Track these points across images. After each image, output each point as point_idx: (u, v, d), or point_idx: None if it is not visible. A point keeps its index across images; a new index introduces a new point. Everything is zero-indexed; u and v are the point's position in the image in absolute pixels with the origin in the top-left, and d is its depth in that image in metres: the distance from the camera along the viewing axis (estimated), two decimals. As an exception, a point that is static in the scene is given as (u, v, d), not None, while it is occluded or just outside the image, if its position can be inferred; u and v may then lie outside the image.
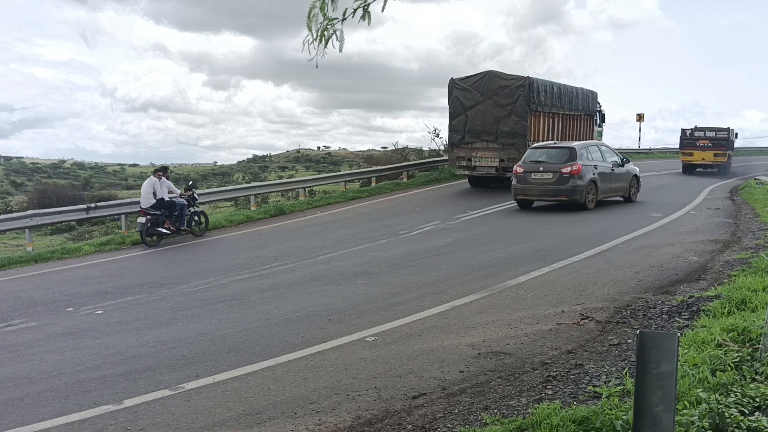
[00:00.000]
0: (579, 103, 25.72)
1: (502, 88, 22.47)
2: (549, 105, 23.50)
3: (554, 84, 24.17)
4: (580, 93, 25.85)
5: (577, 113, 25.63)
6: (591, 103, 27.01)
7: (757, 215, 16.30)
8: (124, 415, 5.47)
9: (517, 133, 22.17)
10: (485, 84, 22.71)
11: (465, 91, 23.03)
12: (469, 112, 22.87)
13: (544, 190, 18.08)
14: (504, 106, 22.37)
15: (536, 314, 7.99)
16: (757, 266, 9.09)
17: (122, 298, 9.93)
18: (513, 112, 22.23)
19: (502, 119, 22.32)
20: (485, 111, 22.57)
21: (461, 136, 23.13)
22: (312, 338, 7.38)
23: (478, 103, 22.73)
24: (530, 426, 4.67)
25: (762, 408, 4.63)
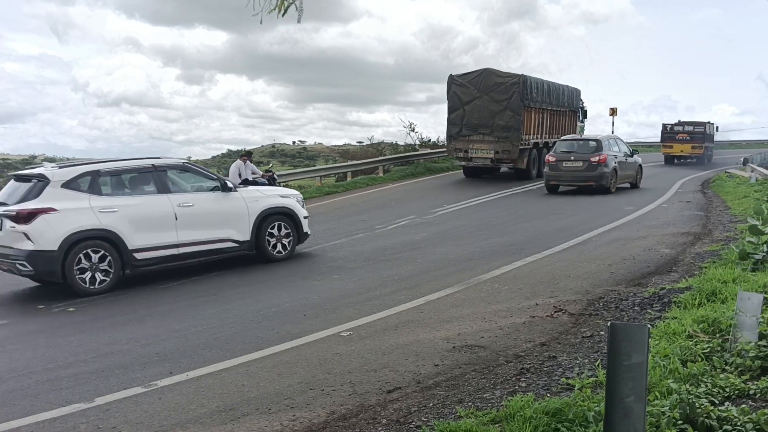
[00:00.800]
0: (565, 99, 27.41)
1: (498, 84, 23.81)
2: (540, 101, 24.99)
3: (545, 82, 25.61)
4: (565, 90, 27.47)
5: (563, 109, 27.36)
6: (575, 100, 28.75)
7: (727, 208, 16.56)
8: (96, 413, 5.40)
9: (511, 127, 23.55)
10: (482, 80, 24.04)
11: (463, 87, 24.29)
12: (467, 107, 24.14)
13: (575, 176, 20.46)
14: (499, 101, 23.67)
15: (510, 307, 8.04)
16: (728, 258, 9.23)
17: (95, 295, 9.81)
18: (508, 108, 23.56)
19: (498, 114, 23.64)
20: (482, 106, 23.88)
21: (459, 129, 24.39)
22: (287, 334, 7.35)
23: (476, 99, 24.01)
24: (504, 418, 4.69)
25: (732, 398, 4.70)
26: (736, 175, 25.87)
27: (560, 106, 27.03)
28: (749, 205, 14.71)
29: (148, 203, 10.45)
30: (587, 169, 20.17)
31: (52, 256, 9.49)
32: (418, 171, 28.36)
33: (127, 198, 10.35)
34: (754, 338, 5.44)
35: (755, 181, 22.11)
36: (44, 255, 9.48)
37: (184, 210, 10.70)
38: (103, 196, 10.11)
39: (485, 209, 17.66)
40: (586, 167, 20.18)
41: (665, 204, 17.91)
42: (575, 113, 28.99)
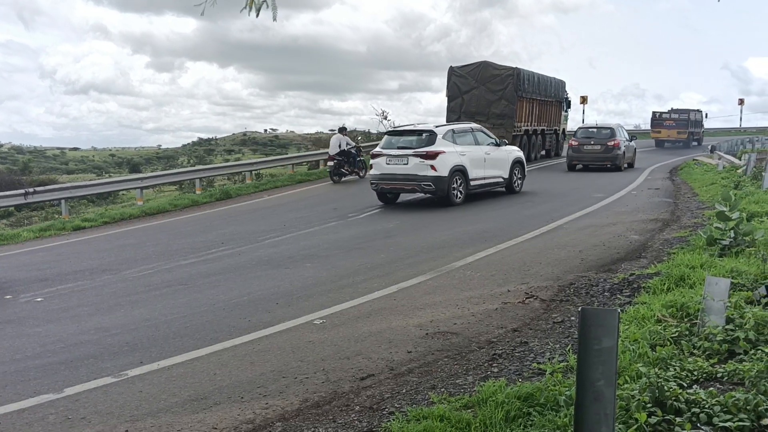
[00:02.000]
0: (552, 91, 29.65)
1: (494, 76, 25.96)
2: (531, 92, 27.20)
3: (535, 74, 27.77)
4: (552, 82, 29.72)
5: (551, 99, 29.63)
6: (561, 91, 31.00)
7: (695, 194, 16.80)
8: (65, 404, 5.33)
9: (506, 115, 25.71)
10: (480, 72, 26.16)
11: (462, 77, 26.37)
12: (465, 96, 26.27)
13: (595, 157, 24.47)
14: (495, 91, 25.80)
15: (483, 294, 8.08)
16: (696, 244, 9.36)
17: (63, 285, 9.67)
18: (503, 97, 25.71)
19: (494, 103, 25.77)
20: (479, 95, 26.04)
21: (458, 116, 25.99)
22: (259, 322, 7.31)
23: (473, 89, 26.14)
24: (476, 403, 4.72)
25: (700, 381, 4.77)
26: (703, 163, 26.26)
27: (548, 97, 29.13)
28: (716, 192, 14.95)
29: (475, 151, 16.60)
30: (605, 151, 24.37)
31: (444, 179, 15.66)
32: (390, 159, 28.28)
33: (466, 147, 16.39)
34: (721, 322, 5.53)
35: (722, 168, 22.45)
36: (441, 179, 15.63)
37: (488, 156, 16.93)
38: (458, 145, 16.18)
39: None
40: (603, 150, 24.38)
41: (635, 191, 18.12)
42: (561, 103, 31.11)
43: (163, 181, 23.64)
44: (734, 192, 12.26)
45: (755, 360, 4.85)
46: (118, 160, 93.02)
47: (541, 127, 28.53)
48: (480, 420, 4.43)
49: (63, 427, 4.92)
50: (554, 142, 31.04)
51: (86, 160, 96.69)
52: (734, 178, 18.59)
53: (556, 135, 31.22)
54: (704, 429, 3.97)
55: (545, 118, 28.96)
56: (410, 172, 15.75)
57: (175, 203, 19.12)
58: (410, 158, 15.72)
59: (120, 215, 17.59)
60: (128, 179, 22.69)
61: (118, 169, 79.96)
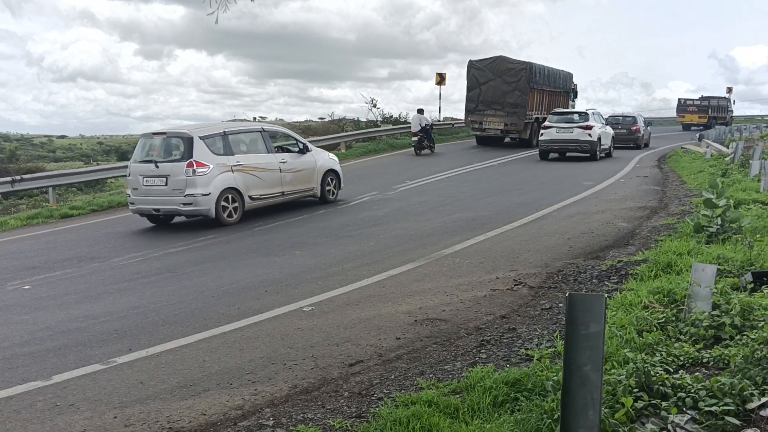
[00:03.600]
0: (560, 82, 32.35)
1: (509, 69, 28.43)
2: (542, 84, 29.85)
3: (545, 67, 30.48)
4: (560, 74, 32.40)
5: (559, 90, 32.29)
6: (568, 83, 33.67)
7: (683, 182, 16.89)
8: (53, 391, 5.32)
9: (519, 104, 28.22)
10: (496, 65, 28.74)
11: (480, 70, 28.96)
12: (483, 87, 28.77)
13: (621, 139, 28.81)
14: (510, 83, 28.24)
15: (471, 281, 8.10)
16: (683, 231, 9.41)
17: (51, 273, 9.63)
18: (517, 88, 28.18)
19: (508, 93, 28.28)
20: (495, 87, 28.48)
21: (475, 105, 29.07)
22: (248, 309, 7.31)
23: (490, 80, 28.58)
24: (464, 389, 4.75)
25: (686, 366, 4.81)
26: (691, 151, 26.38)
27: (557, 88, 31.84)
28: (704, 180, 15.02)
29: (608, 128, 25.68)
30: (628, 134, 30.06)
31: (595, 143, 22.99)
32: (380, 147, 28.33)
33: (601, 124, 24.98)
34: (707, 308, 5.57)
35: (710, 156, 22.56)
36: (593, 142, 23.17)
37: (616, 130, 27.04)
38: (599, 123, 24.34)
39: (447, 185, 17.73)
40: (627, 133, 30.06)
41: (623, 179, 18.19)
42: (568, 93, 33.79)
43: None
44: (721, 180, 12.33)
45: (741, 345, 4.89)
46: (106, 148, 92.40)
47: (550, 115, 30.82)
48: (468, 405, 4.46)
49: (51, 414, 4.91)
50: None
51: (74, 147, 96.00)
52: (722, 166, 18.69)
53: None
54: (690, 413, 4.01)
55: (554, 107, 30.58)
56: (574, 138, 23.35)
57: (164, 191, 18.99)
58: (575, 129, 23.30)
59: (108, 203, 17.47)
60: (116, 167, 22.48)
61: (106, 157, 79.42)
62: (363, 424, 4.41)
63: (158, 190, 12.50)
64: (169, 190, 12.38)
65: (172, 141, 12.90)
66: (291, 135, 15.25)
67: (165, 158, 12.71)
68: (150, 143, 13.11)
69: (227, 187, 12.60)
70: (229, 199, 12.66)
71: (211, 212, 12.41)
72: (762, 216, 9.96)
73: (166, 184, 12.40)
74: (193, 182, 12.19)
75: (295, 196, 14.36)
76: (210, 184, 12.29)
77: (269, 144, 13.94)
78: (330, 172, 15.25)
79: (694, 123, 48.53)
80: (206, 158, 12.40)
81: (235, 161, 12.84)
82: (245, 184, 12.93)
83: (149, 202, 12.71)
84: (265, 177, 13.39)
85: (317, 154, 15.11)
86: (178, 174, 12.28)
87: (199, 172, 12.26)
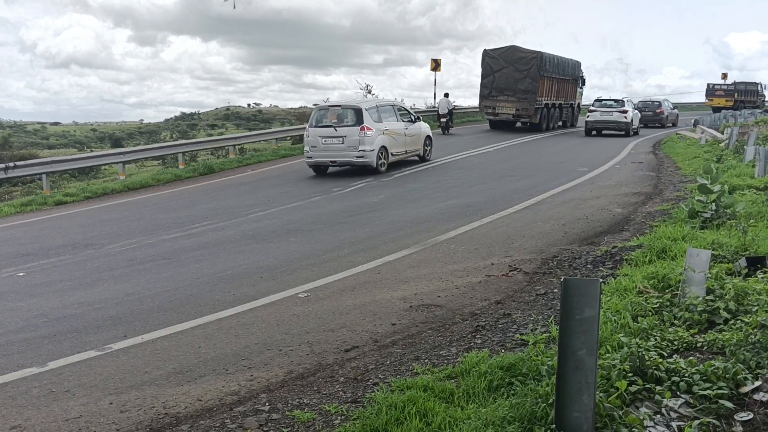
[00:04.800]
0: (569, 70, 34.19)
1: (521, 58, 30.28)
2: (551, 72, 31.60)
3: (555, 56, 32.32)
4: (569, 63, 34.35)
5: (568, 78, 34.21)
6: (577, 71, 35.63)
7: (678, 168, 16.91)
8: (49, 377, 5.32)
9: (530, 90, 30.05)
10: (509, 54, 30.59)
11: (494, 59, 30.84)
12: (496, 74, 30.68)
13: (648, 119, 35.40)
14: (522, 71, 30.10)
15: (466, 267, 8.11)
16: (677, 217, 9.43)
17: (45, 260, 9.60)
18: (528, 76, 30.03)
19: (520, 80, 30.13)
20: (508, 74, 30.37)
21: (489, 91, 31.00)
22: (244, 296, 7.31)
23: (503, 68, 30.48)
24: (460, 374, 4.76)
25: (680, 350, 4.83)
26: (686, 137, 26.40)
27: (566, 76, 33.73)
28: (699, 166, 15.03)
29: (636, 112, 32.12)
30: (654, 116, 36.44)
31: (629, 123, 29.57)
32: (375, 134, 28.25)
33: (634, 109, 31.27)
34: (701, 293, 5.59)
35: (705, 142, 22.58)
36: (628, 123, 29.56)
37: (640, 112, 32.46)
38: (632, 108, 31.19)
39: (442, 172, 17.71)
40: (653, 115, 36.55)
41: (618, 165, 18.20)
42: (576, 81, 35.82)
43: (145, 156, 23.43)
44: (716, 165, 12.34)
45: (735, 330, 4.92)
46: (99, 135, 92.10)
47: (559, 101, 33.16)
48: (463, 390, 4.47)
49: (47, 400, 4.91)
50: (570, 115, 35.40)
51: (67, 134, 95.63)
52: (717, 151, 18.72)
53: (572, 108, 35.58)
54: (684, 397, 4.03)
55: (563, 94, 33.55)
56: (613, 119, 29.25)
57: (158, 178, 18.96)
58: (615, 113, 29.17)
59: (102, 190, 17.43)
60: (110, 153, 22.48)
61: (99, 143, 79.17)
62: (358, 408, 4.42)
63: (335, 147, 17.03)
64: (345, 147, 16.93)
65: (347, 111, 17.38)
66: (406, 108, 19.90)
67: (341, 124, 17.12)
68: (326, 113, 17.72)
69: (381, 146, 17.25)
70: (381, 154, 17.21)
71: (373, 163, 17.01)
72: (756, 201, 9.99)
73: (342, 142, 16.95)
74: (364, 141, 16.82)
75: (410, 156, 18.96)
76: (373, 143, 16.96)
77: (397, 115, 18.47)
78: (427, 138, 19.73)
79: (721, 106, 51.32)
80: (371, 124, 17.01)
81: (384, 127, 17.44)
82: (389, 144, 17.60)
83: (327, 156, 17.22)
84: (398, 139, 18.09)
85: (421, 123, 19.63)
86: (353, 135, 16.84)
87: (367, 135, 16.83)
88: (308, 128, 17.51)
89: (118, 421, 4.55)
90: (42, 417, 4.65)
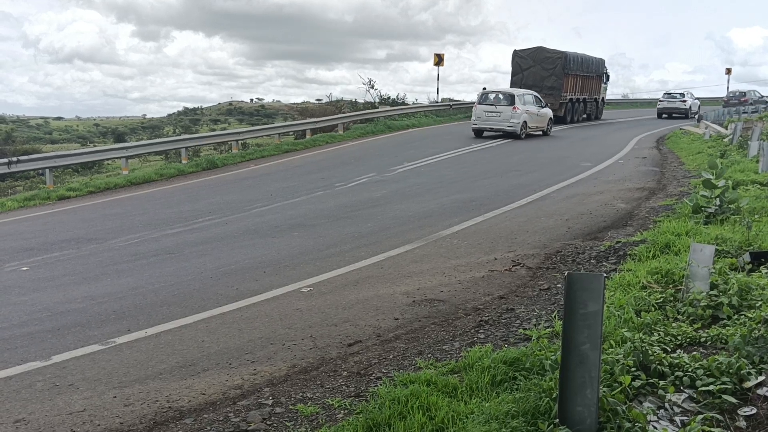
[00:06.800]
0: (593, 68, 36.99)
1: (547, 58, 33.34)
2: (575, 69, 34.47)
3: (579, 55, 35.24)
4: (594, 60, 37.10)
5: (592, 74, 36.90)
6: (601, 68, 38.23)
7: (681, 163, 16.87)
8: (53, 371, 5.33)
9: (555, 87, 32.99)
10: (536, 54, 33.64)
11: (523, 58, 34.02)
12: (525, 72, 33.81)
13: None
14: (548, 69, 33.16)
15: (469, 262, 8.11)
16: (681, 212, 9.42)
17: (49, 254, 9.61)
18: (553, 74, 33.08)
19: (546, 78, 33.12)
20: (535, 72, 33.43)
21: (518, 87, 32.21)
22: (247, 290, 7.32)
23: (531, 67, 33.60)
24: (463, 368, 4.76)
25: (684, 345, 4.83)
26: (690, 132, 26.33)
27: (589, 73, 36.44)
28: (703, 161, 15.01)
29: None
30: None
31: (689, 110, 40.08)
32: (378, 128, 28.24)
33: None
34: (705, 288, 5.58)
35: (709, 137, 22.52)
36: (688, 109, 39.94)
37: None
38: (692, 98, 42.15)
39: (445, 167, 17.69)
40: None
41: (621, 160, 18.17)
42: (600, 77, 38.35)
43: (148, 151, 23.41)
44: (720, 160, 12.31)
45: (738, 325, 4.92)
46: (102, 130, 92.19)
47: (583, 96, 35.93)
48: (466, 384, 4.47)
49: (51, 393, 4.93)
50: (594, 108, 38.10)
51: (70, 129, 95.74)
52: (720, 146, 18.66)
53: (596, 102, 38.13)
54: (687, 392, 4.03)
55: (587, 89, 36.23)
56: (676, 106, 39.08)
57: (161, 173, 18.95)
58: (677, 102, 37.76)
59: (105, 185, 17.43)
60: (113, 148, 22.43)
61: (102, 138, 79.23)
62: (362, 402, 4.43)
63: (494, 119, 24.66)
64: (501, 119, 24.51)
65: (503, 96, 25.10)
66: (538, 96, 27.07)
67: (499, 104, 24.75)
68: (489, 96, 25.44)
69: (524, 121, 24.52)
70: (523, 126, 24.48)
71: (518, 131, 24.22)
72: (760, 197, 9.96)
73: (500, 116, 24.51)
74: (514, 116, 24.26)
75: (538, 130, 25.93)
76: (519, 118, 24.32)
77: (534, 102, 25.87)
78: (549, 120, 26.80)
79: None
80: (519, 106, 24.52)
81: (526, 109, 24.89)
82: (528, 120, 24.89)
83: (488, 124, 24.85)
84: (533, 118, 25.35)
85: (547, 109, 26.99)
86: (507, 112, 24.40)
87: (516, 112, 24.33)
88: (476, 105, 25.47)
89: (121, 415, 4.56)
90: (46, 410, 4.66)
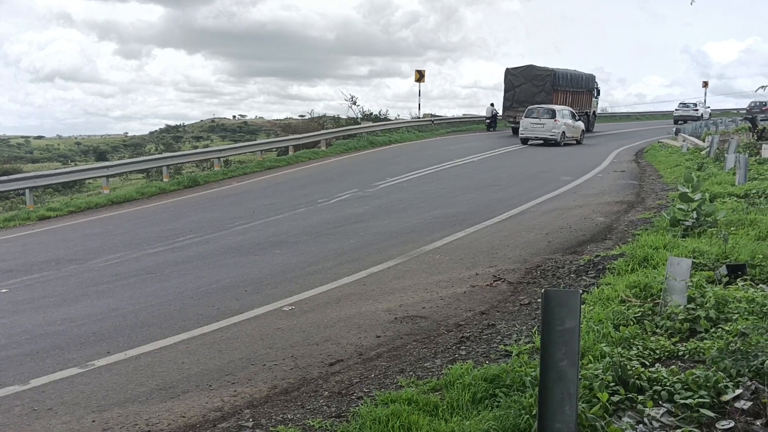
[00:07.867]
0: (583, 83, 38.90)
1: (537, 75, 35.60)
2: (564, 86, 36.54)
3: (569, 71, 37.35)
4: (583, 76, 39.25)
5: (581, 90, 38.78)
6: (591, 83, 40.24)
7: (660, 176, 17.04)
8: (31, 395, 5.27)
9: (545, 103, 33.11)
10: (527, 72, 35.90)
11: (514, 76, 36.29)
12: (517, 89, 35.94)
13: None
14: (538, 86, 35.36)
15: (451, 278, 8.13)
16: (659, 225, 9.51)
17: (28, 276, 9.52)
18: (543, 90, 35.23)
19: (536, 94, 35.06)
20: (526, 89, 35.57)
21: (511, 103, 36.14)
22: (227, 310, 7.29)
23: (522, 84, 35.76)
24: (444, 386, 4.77)
25: (662, 359, 4.87)
26: (668, 145, 26.62)
27: (579, 88, 38.35)
28: (680, 174, 15.17)
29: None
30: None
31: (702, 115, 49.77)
32: (360, 144, 28.34)
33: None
34: (683, 302, 5.64)
35: (686, 150, 22.78)
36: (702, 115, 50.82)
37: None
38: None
39: (427, 182, 17.76)
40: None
41: (601, 174, 18.33)
42: (591, 92, 40.32)
43: (129, 169, 23.33)
44: (697, 173, 12.47)
45: (715, 338, 4.97)
46: (84, 148, 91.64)
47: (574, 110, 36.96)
48: (447, 402, 4.47)
49: (29, 418, 4.87)
50: (585, 122, 37.55)
51: (51, 148, 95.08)
52: (698, 159, 18.89)
53: (587, 116, 38.86)
54: (666, 406, 4.06)
55: (577, 104, 37.26)
56: (690, 114, 47.78)
57: (143, 191, 18.87)
58: (691, 110, 48.67)
59: (86, 204, 17.33)
60: (94, 167, 22.31)
61: (84, 157, 78.75)
62: (342, 423, 4.42)
63: (539, 129, 28.78)
64: (544, 129, 28.68)
65: (545, 110, 29.35)
66: (572, 111, 31.33)
67: (542, 117, 28.88)
68: (533, 110, 29.63)
69: (563, 131, 28.66)
70: (562, 135, 28.56)
71: (558, 139, 28.37)
72: (737, 209, 10.09)
73: (543, 127, 28.68)
74: (555, 127, 28.49)
75: (574, 139, 29.78)
76: (560, 129, 28.52)
77: (570, 116, 30.00)
78: (582, 131, 30.83)
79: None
80: (560, 119, 28.74)
81: (564, 121, 29.01)
82: (566, 130, 29.04)
83: (533, 134, 28.91)
84: (570, 129, 29.53)
85: (580, 122, 31.16)
86: (550, 123, 28.60)
87: (557, 124, 28.54)
88: (523, 118, 29.63)
89: (100, 440, 4.52)
90: (23, 436, 4.60)
